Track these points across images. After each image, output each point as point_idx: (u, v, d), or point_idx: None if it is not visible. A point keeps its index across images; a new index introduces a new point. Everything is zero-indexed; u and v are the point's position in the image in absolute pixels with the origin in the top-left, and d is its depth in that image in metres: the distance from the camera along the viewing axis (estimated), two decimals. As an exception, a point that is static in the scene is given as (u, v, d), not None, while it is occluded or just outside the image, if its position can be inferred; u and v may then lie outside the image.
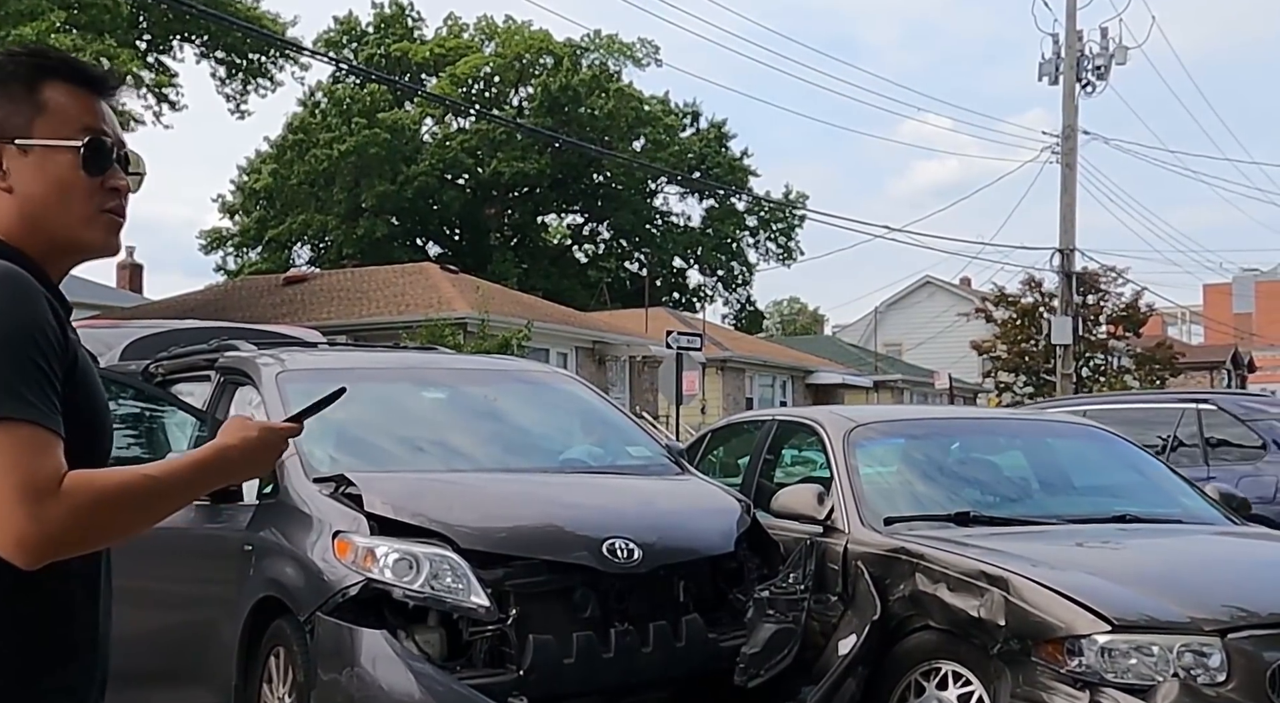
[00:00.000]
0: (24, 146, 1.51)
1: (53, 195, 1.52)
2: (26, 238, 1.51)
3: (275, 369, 5.25)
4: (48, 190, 1.51)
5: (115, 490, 1.40)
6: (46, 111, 1.53)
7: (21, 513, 1.33)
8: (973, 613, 3.91)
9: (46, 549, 1.35)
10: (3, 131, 1.52)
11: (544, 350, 24.11)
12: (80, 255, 1.57)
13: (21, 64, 1.55)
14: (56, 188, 1.52)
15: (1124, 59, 23.64)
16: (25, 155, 1.51)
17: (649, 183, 45.62)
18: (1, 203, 1.52)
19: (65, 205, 1.52)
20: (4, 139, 1.51)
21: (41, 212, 1.51)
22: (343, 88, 40.93)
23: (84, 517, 1.37)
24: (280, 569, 4.42)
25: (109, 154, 1.55)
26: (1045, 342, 27.81)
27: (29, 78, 1.55)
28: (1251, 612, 3.70)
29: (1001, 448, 5.85)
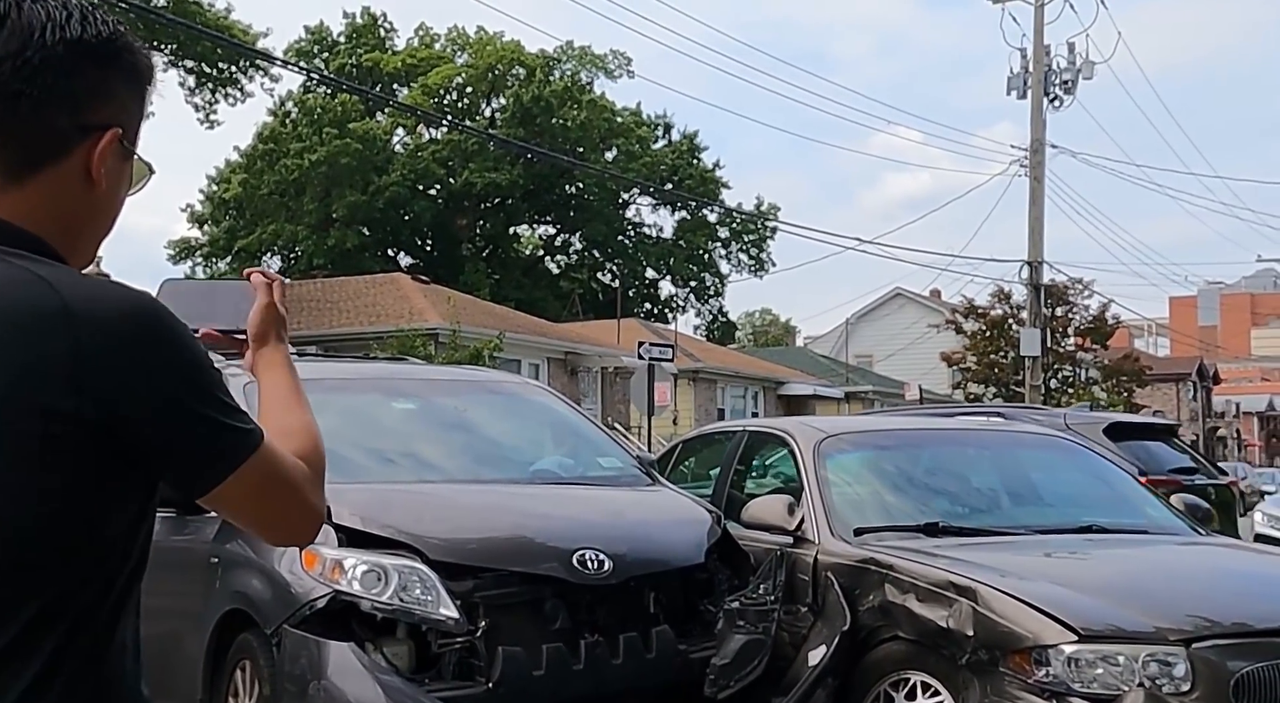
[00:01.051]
0: (129, 152, 1.36)
1: (116, 209, 1.39)
2: (72, 241, 1.32)
3: (242, 381, 5.21)
4: (117, 204, 1.38)
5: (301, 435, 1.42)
6: (143, 117, 1.40)
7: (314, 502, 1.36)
8: (941, 624, 3.92)
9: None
10: (127, 126, 1.35)
11: (516, 361, 24.05)
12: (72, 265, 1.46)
13: (147, 61, 1.39)
14: (120, 204, 1.39)
15: (1090, 74, 23.92)
16: (124, 161, 1.35)
17: (621, 194, 45.68)
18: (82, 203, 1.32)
19: (112, 222, 1.40)
20: (121, 134, 1.33)
21: (105, 221, 1.38)
22: (314, 97, 40.77)
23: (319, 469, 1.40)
24: (247, 582, 4.38)
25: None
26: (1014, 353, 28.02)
27: (148, 77, 1.39)
28: (1215, 622, 3.73)
29: (970, 459, 5.88)
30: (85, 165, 1.30)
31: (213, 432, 1.24)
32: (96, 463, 1.19)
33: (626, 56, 45.28)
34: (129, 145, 1.35)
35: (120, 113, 1.33)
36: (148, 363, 1.21)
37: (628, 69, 45.44)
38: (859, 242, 31.82)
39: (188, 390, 1.23)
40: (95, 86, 1.31)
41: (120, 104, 1.33)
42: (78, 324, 1.18)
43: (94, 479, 1.19)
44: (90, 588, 1.20)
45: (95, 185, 1.31)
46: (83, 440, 1.18)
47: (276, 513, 1.33)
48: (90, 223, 1.34)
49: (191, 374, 1.24)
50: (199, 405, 1.23)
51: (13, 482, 1.17)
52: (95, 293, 1.22)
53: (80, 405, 1.17)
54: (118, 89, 1.33)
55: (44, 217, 1.29)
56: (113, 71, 1.33)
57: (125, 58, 1.34)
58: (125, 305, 1.22)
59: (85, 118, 1.30)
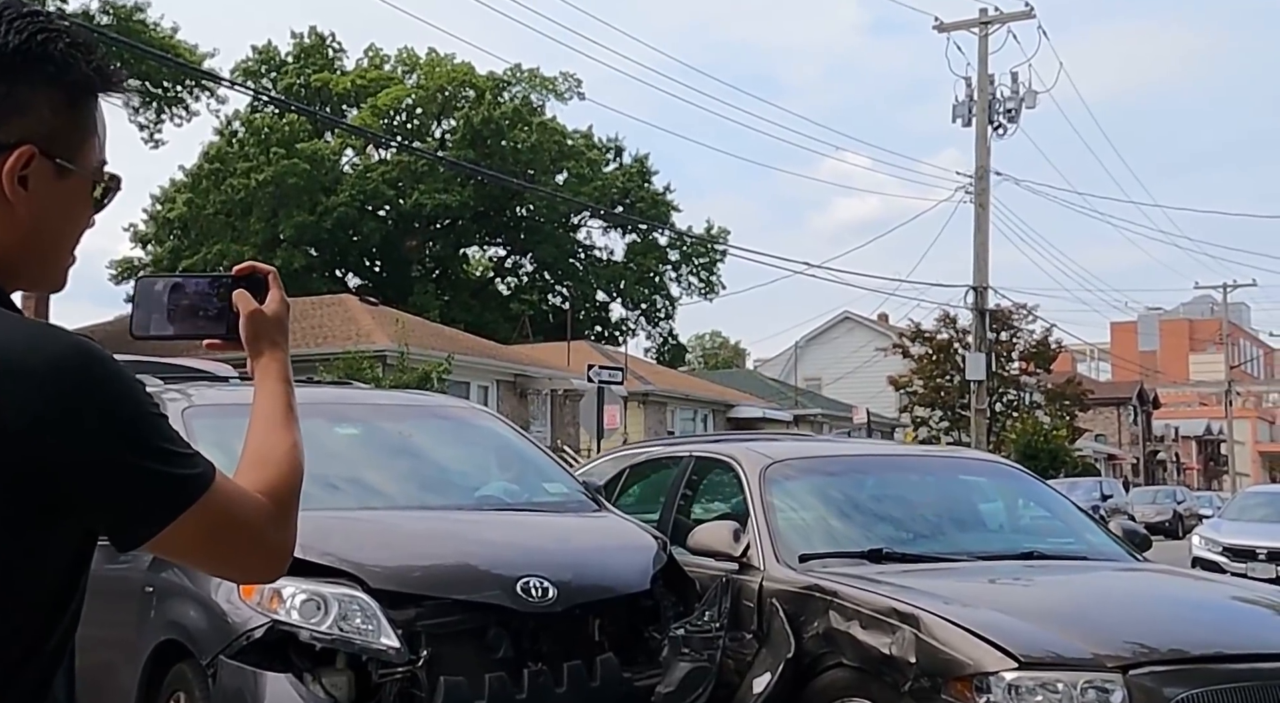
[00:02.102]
0: (63, 169, 1.24)
1: (63, 230, 1.28)
2: (19, 270, 1.25)
3: (181, 405, 5.13)
4: (62, 224, 1.27)
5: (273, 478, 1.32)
6: (95, 133, 1.28)
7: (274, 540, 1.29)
8: (884, 650, 3.93)
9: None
10: (54, 144, 1.24)
11: (465, 383, 23.92)
12: (28, 290, 1.34)
13: (95, 70, 1.27)
14: (69, 223, 1.28)
15: (1033, 103, 24.35)
16: (59, 178, 1.24)
17: (572, 216, 45.73)
18: (11, 227, 1.23)
19: (65, 242, 1.29)
20: (47, 153, 1.23)
21: (44, 244, 1.26)
22: (261, 117, 40.44)
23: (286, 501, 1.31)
24: (183, 611, 4.29)
25: (111, 192, 1.33)
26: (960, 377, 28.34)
27: (98, 87, 1.28)
28: (1152, 648, 3.78)
29: (915, 485, 5.92)
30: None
31: (150, 484, 1.18)
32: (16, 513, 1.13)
33: (577, 79, 45.46)
34: (63, 161, 1.24)
35: (38, 127, 1.22)
36: (82, 419, 1.13)
37: (578, 92, 45.60)
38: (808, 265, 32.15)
39: (125, 444, 1.16)
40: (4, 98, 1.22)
41: (38, 117, 1.22)
42: (7, 375, 1.12)
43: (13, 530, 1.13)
44: (17, 643, 1.14)
45: (14, 207, 1.22)
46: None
47: (229, 555, 1.27)
48: (24, 249, 1.24)
49: (128, 428, 1.17)
50: (136, 459, 1.17)
51: None
52: (30, 342, 1.15)
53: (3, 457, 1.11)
54: (34, 101, 1.22)
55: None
56: (22, 84, 1.22)
57: (46, 67, 1.23)
58: (58, 356, 1.15)
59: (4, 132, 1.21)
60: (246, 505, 1.25)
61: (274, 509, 1.28)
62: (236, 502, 1.24)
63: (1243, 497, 18.09)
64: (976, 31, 24.28)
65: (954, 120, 24.49)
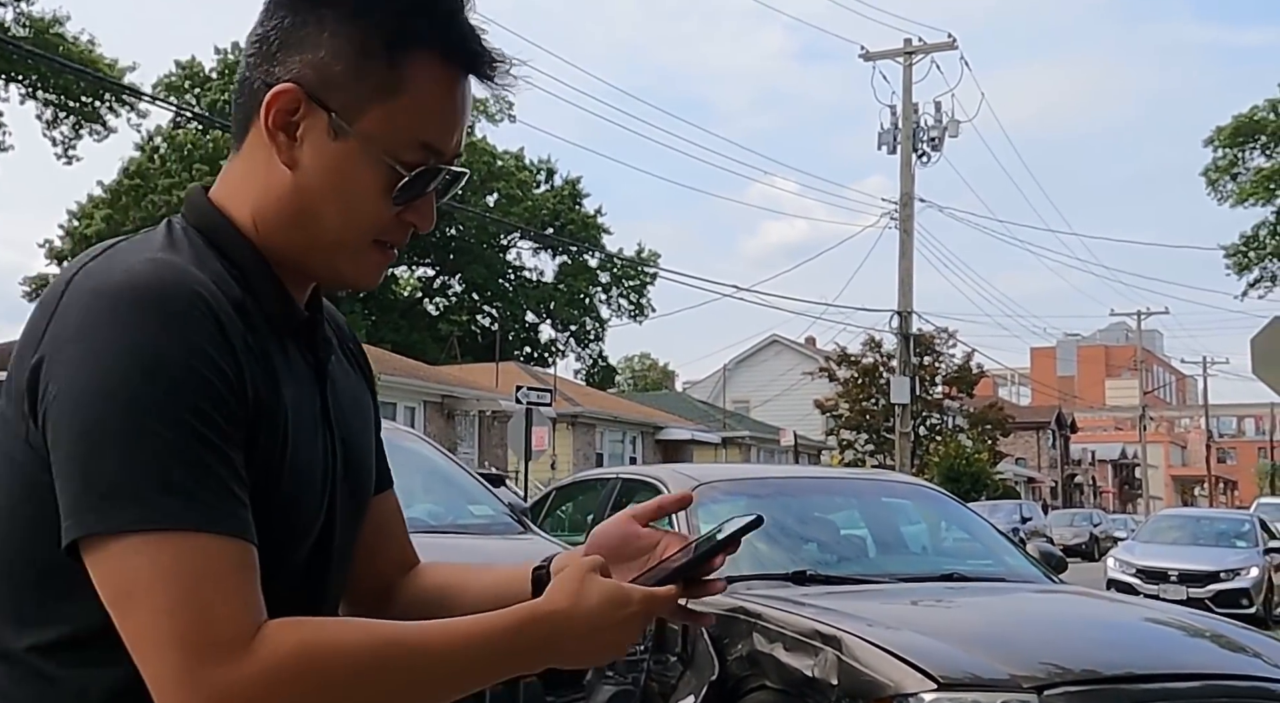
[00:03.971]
0: (341, 128, 1.03)
1: (331, 207, 1.05)
2: (280, 233, 1.05)
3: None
4: (329, 197, 1.05)
5: (348, 659, 0.90)
6: (399, 98, 1.03)
7: (182, 680, 0.87)
8: (807, 672, 3.96)
9: None
10: (326, 91, 1.02)
11: (392, 404, 23.67)
12: (322, 284, 1.13)
13: (396, 12, 1.03)
14: (337, 199, 1.05)
15: (956, 132, 24.90)
16: (334, 139, 1.03)
17: (502, 237, 45.60)
18: (272, 178, 1.04)
19: (329, 222, 1.05)
20: (321, 102, 1.02)
21: (304, 213, 1.05)
22: (184, 133, 39.79)
23: (287, 695, 0.88)
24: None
25: (428, 183, 1.07)
26: (885, 401, 28.74)
27: (397, 37, 1.03)
28: (1066, 669, 3.85)
29: (839, 507, 5.98)
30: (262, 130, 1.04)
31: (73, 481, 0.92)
32: (35, 476, 0.96)
33: (508, 101, 45.44)
34: (339, 119, 1.02)
35: (313, 69, 1.02)
36: (65, 360, 0.93)
37: (509, 113, 45.59)
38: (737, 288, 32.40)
39: (80, 411, 0.91)
40: (290, 29, 1.04)
41: (315, 58, 1.02)
42: (65, 294, 0.98)
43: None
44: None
45: (274, 156, 1.03)
46: (26, 440, 0.96)
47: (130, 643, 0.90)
48: (279, 213, 1.05)
49: (95, 396, 0.91)
50: (81, 439, 0.91)
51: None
52: (114, 266, 0.97)
53: (28, 396, 0.95)
54: (321, 39, 1.02)
55: (239, 190, 1.07)
56: (311, 16, 1.03)
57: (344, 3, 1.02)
58: (109, 280, 0.96)
59: (272, 70, 1.04)
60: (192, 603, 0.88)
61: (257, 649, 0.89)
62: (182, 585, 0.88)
63: (1155, 520, 18.55)
64: (901, 61, 24.79)
65: (879, 147, 24.96)
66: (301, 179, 1.04)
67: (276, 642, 0.89)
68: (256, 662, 0.88)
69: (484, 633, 0.97)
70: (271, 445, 0.99)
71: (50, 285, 1.03)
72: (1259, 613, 13.53)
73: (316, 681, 0.89)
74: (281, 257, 1.07)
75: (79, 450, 0.91)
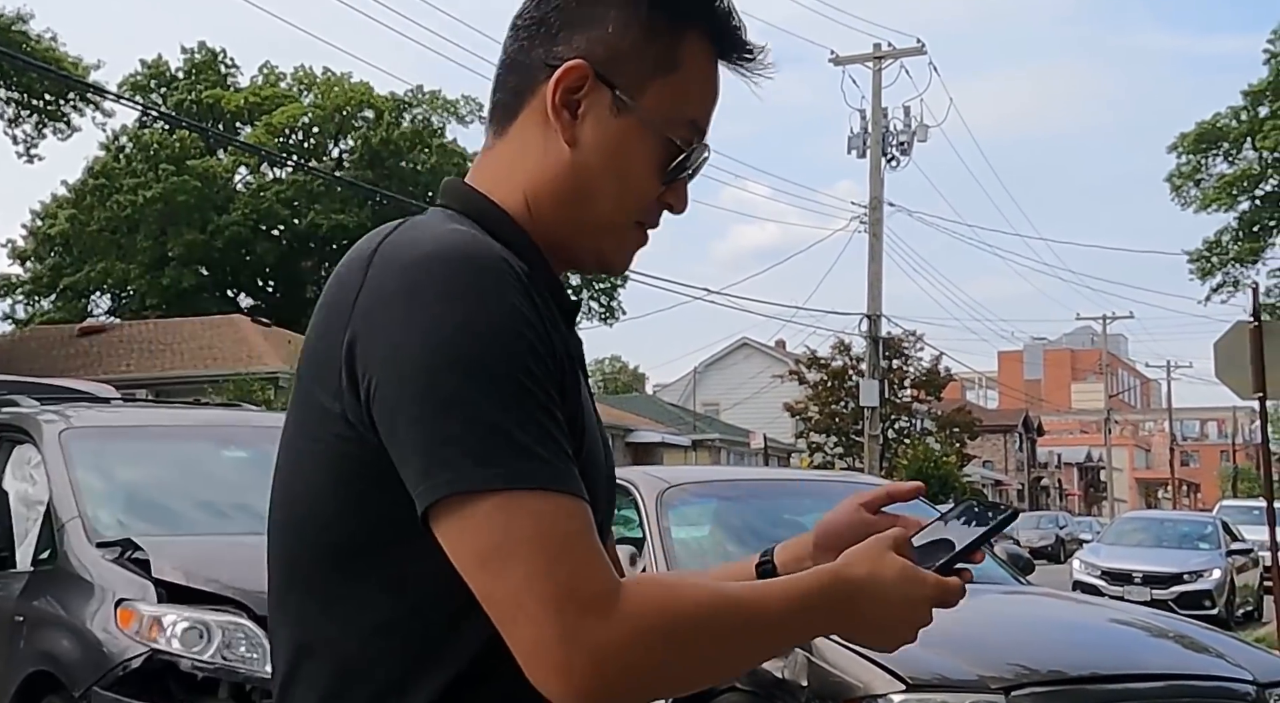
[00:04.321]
0: (623, 105, 1.04)
1: (608, 185, 1.05)
2: (554, 214, 1.05)
3: (59, 427, 4.94)
4: (607, 175, 1.05)
5: (700, 617, 0.92)
6: (675, 73, 1.05)
7: (563, 637, 0.87)
8: (777, 674, 3.97)
9: (597, 692, 0.87)
10: (611, 67, 1.03)
11: (359, 407, 23.56)
12: (582, 267, 1.12)
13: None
14: (615, 178, 1.05)
15: (925, 137, 25.05)
16: (615, 116, 1.03)
17: (471, 240, 45.45)
18: (549, 158, 1.05)
19: (603, 199, 1.05)
20: (605, 79, 1.03)
21: (579, 191, 1.05)
22: (150, 133, 39.40)
23: (655, 650, 0.89)
24: (55, 642, 4.12)
25: (696, 161, 1.08)
26: (854, 404, 28.86)
27: (678, 13, 1.05)
28: (1033, 670, 3.88)
29: (809, 509, 6.01)
30: (545, 109, 1.04)
31: (414, 448, 0.91)
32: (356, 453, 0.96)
33: (478, 102, 45.31)
34: (622, 94, 1.03)
35: (600, 45, 1.03)
36: (386, 330, 0.92)
37: (479, 115, 45.42)
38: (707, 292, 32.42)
39: (417, 377, 0.90)
40: (573, 8, 1.05)
41: (602, 34, 1.03)
42: (370, 269, 0.96)
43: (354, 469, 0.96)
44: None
45: (558, 135, 1.03)
46: (344, 417, 0.96)
47: (498, 605, 0.89)
48: (556, 192, 1.05)
49: (430, 361, 0.90)
50: (420, 404, 0.90)
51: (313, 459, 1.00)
52: (420, 236, 0.97)
53: (345, 372, 0.95)
54: (603, 15, 1.04)
55: (507, 174, 1.07)
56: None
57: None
58: (420, 250, 0.95)
59: (555, 49, 1.04)
60: (565, 562, 0.88)
61: (624, 606, 0.89)
62: (550, 545, 0.88)
63: (1120, 522, 18.74)
64: (870, 66, 24.92)
65: (849, 151, 25.05)
66: (580, 157, 1.04)
67: (640, 600, 0.90)
68: (628, 619, 0.88)
69: (799, 593, 0.99)
70: (572, 419, 0.98)
71: (345, 266, 1.02)
72: (1221, 614, 13.70)
73: (678, 637, 0.91)
74: (551, 240, 1.06)
75: (424, 415, 0.90)
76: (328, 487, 0.98)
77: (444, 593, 0.94)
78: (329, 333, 0.98)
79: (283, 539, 1.04)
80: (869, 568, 1.01)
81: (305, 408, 1.01)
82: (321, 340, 0.99)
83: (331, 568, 0.98)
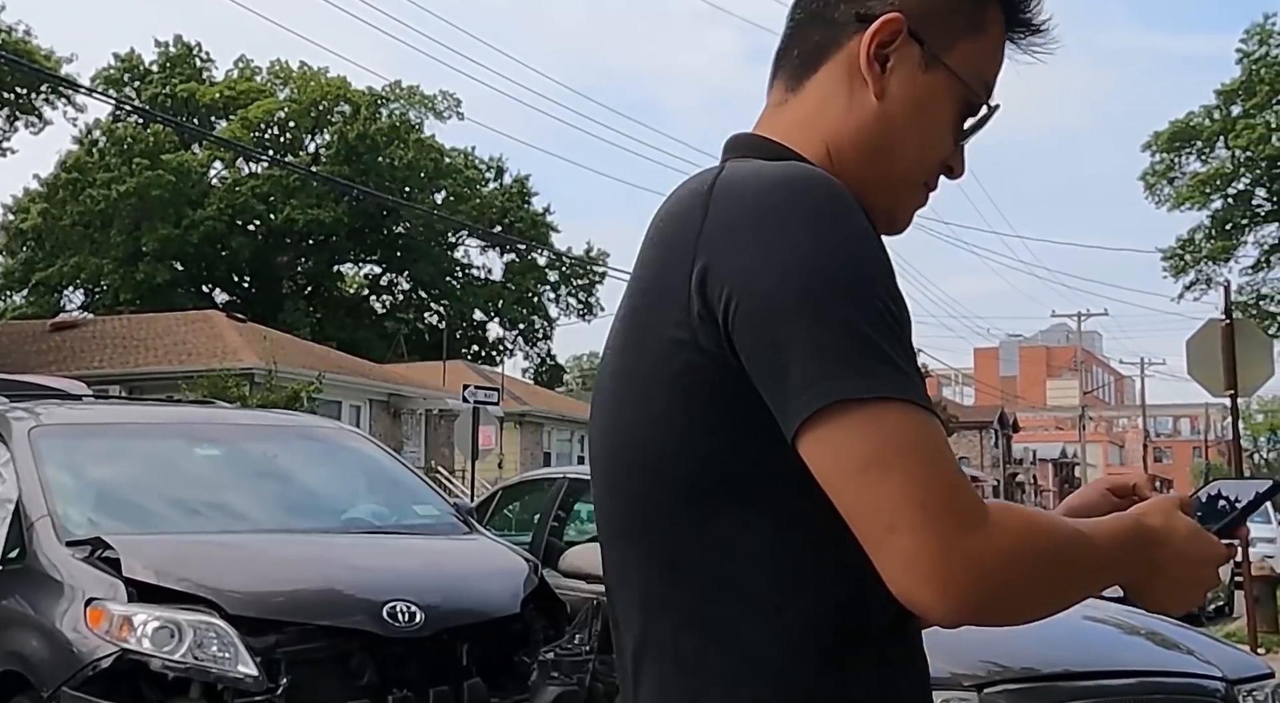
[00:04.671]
0: (932, 60, 1.06)
1: (910, 139, 1.07)
2: (854, 167, 1.05)
3: (28, 424, 4.90)
4: (911, 130, 1.07)
5: (1053, 539, 0.94)
6: (981, 35, 1.08)
7: (944, 547, 0.87)
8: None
9: (973, 605, 0.89)
10: (924, 22, 1.06)
11: (336, 403, 23.43)
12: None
13: None
14: (918, 133, 1.07)
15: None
16: (924, 71, 1.06)
17: (449, 235, 45.32)
18: (854, 112, 1.06)
19: (904, 157, 1.08)
20: (915, 34, 1.05)
21: (881, 147, 1.06)
22: (124, 127, 39.07)
23: (1025, 568, 0.91)
24: (23, 641, 4.08)
25: (986, 122, 1.11)
26: (831, 401, 28.96)
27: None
28: (1006, 667, 3.90)
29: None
30: (856, 63, 1.05)
31: (789, 361, 0.90)
32: (712, 380, 0.95)
33: (456, 98, 45.17)
34: (933, 51, 1.05)
35: (915, 2, 1.05)
36: (745, 253, 0.93)
37: (458, 111, 45.31)
38: (684, 289, 32.41)
39: (785, 294, 0.91)
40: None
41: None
42: (711, 202, 0.97)
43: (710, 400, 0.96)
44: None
45: (866, 89, 1.05)
46: (697, 345, 0.95)
47: (873, 515, 0.89)
48: (859, 144, 1.06)
49: (799, 278, 0.91)
50: (791, 319, 0.91)
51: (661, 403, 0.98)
52: (761, 169, 0.99)
53: (699, 300, 0.95)
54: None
55: (808, 128, 1.07)
56: None
57: None
58: (768, 179, 0.96)
59: (868, 3, 1.06)
60: (940, 474, 0.89)
61: (994, 523, 0.90)
62: (926, 456, 0.89)
63: (1095, 517, 18.85)
64: (849, 64, 24.98)
65: (827, 150, 25.10)
66: (886, 110, 1.05)
67: (1008, 517, 0.91)
68: (1002, 535, 0.89)
69: (1116, 532, 1.00)
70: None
71: (676, 204, 1.02)
72: (1192, 610, 13.82)
73: (1044, 558, 0.92)
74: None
75: (796, 330, 0.90)
76: (681, 417, 0.97)
77: (817, 528, 0.94)
78: (669, 269, 0.98)
79: (632, 481, 1.02)
80: (1163, 521, 1.02)
81: (643, 349, 1.00)
82: (660, 278, 0.99)
83: (701, 502, 0.97)
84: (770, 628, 0.95)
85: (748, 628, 0.96)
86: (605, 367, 1.07)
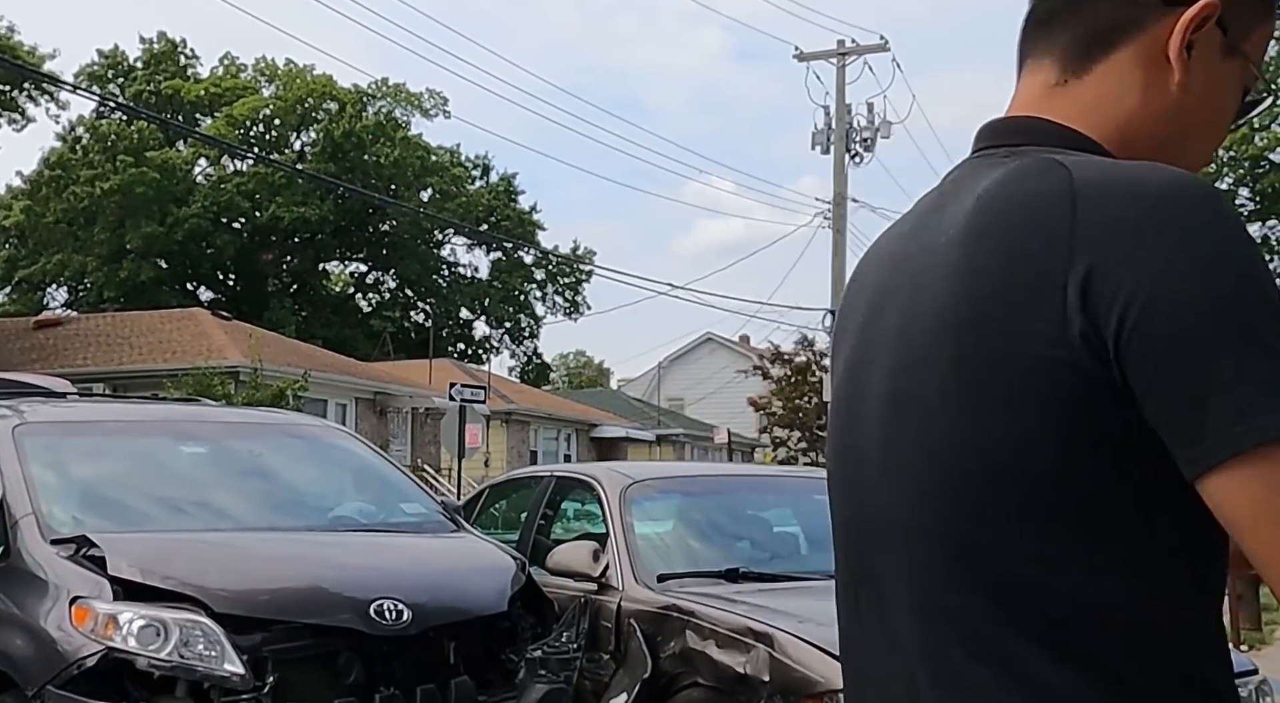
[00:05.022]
0: (1232, 47, 1.02)
1: (1202, 130, 1.04)
2: (1138, 156, 0.99)
3: (12, 422, 4.87)
4: (1206, 116, 1.03)
5: None
6: (1269, 20, 1.05)
7: None
8: (739, 669, 3.97)
9: None
10: (1233, 8, 1.02)
11: (322, 401, 23.37)
12: None
13: None
14: (1210, 124, 1.04)
15: (888, 133, 25.18)
16: (1222, 59, 1.02)
17: (436, 233, 45.24)
18: (1151, 101, 1.02)
19: (1201, 148, 1.05)
20: (1222, 20, 1.01)
21: (1178, 138, 1.03)
22: (108, 124, 38.89)
23: None
24: (8, 640, 4.06)
25: (1256, 107, 1.09)
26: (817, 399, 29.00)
27: None
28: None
29: (772, 505, 6.02)
30: (1160, 49, 1.01)
31: (1210, 386, 0.84)
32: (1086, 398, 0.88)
33: (443, 96, 45.09)
34: (1234, 40, 1.02)
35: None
36: (1147, 263, 0.86)
37: (444, 109, 45.23)
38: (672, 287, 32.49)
39: (1190, 307, 0.84)
40: None
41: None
42: (1080, 205, 0.90)
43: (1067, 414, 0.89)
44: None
45: (1170, 75, 1.00)
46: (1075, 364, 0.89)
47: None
48: (1155, 134, 1.02)
49: (1210, 289, 0.84)
50: (1201, 338, 0.84)
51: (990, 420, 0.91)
52: (1115, 171, 0.93)
53: (1080, 311, 0.88)
54: None
55: (1098, 114, 1.02)
56: None
57: None
58: (1152, 182, 0.90)
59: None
60: None
61: None
62: None
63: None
64: (834, 62, 25.01)
65: (813, 147, 25.14)
66: (1186, 99, 1.01)
67: None
68: None
69: None
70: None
71: (1018, 207, 0.94)
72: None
73: None
74: None
75: (1216, 360, 0.83)
76: (1050, 439, 0.90)
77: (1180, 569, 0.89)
78: (1022, 277, 0.90)
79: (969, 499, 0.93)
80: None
81: (989, 363, 0.92)
82: (1010, 288, 0.91)
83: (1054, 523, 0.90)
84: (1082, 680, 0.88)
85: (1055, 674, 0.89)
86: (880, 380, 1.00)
